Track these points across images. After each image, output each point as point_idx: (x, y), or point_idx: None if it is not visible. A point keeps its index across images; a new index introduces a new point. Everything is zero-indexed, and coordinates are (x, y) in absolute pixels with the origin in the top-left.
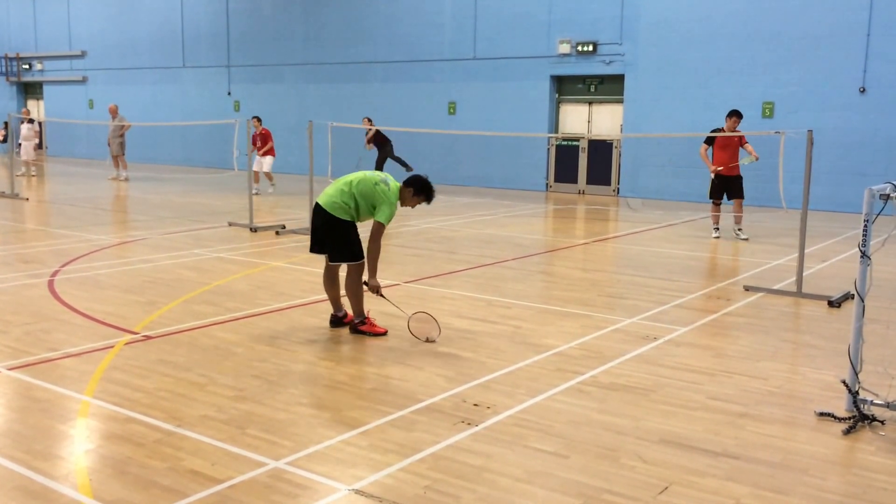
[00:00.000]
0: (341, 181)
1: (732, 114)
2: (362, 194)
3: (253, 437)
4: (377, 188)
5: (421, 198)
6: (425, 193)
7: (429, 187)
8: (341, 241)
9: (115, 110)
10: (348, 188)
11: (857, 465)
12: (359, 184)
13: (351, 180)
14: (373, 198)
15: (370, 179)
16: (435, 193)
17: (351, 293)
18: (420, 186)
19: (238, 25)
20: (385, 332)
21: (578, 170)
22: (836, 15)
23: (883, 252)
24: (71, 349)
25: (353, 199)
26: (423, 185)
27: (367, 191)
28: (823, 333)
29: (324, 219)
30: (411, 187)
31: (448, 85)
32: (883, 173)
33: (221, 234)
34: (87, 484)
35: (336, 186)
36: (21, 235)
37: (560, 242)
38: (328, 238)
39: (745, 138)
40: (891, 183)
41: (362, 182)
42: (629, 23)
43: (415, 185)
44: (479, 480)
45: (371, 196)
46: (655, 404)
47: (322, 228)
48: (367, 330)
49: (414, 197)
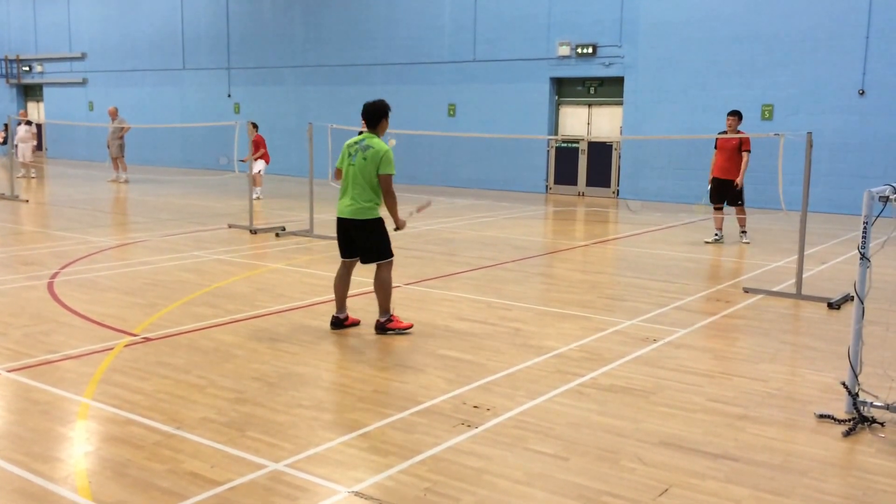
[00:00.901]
0: (350, 184)
1: (730, 113)
2: (371, 175)
3: (253, 439)
4: (374, 155)
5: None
6: (362, 118)
7: (384, 107)
8: (375, 242)
9: (114, 112)
10: (363, 181)
11: (856, 467)
12: (365, 172)
13: (356, 175)
14: (377, 163)
15: (364, 159)
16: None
17: (381, 289)
18: (385, 111)
19: (238, 28)
20: (411, 326)
21: (578, 172)
22: (836, 17)
23: (882, 254)
24: (70, 351)
25: (371, 186)
26: (384, 109)
27: (371, 167)
28: (823, 335)
29: (355, 228)
30: (384, 119)
31: (448, 87)
32: (882, 175)
33: (221, 236)
34: (87, 486)
35: (351, 192)
36: (21, 237)
37: (560, 244)
38: (363, 243)
39: (747, 143)
40: (890, 185)
41: (365, 168)
42: (629, 25)
43: (384, 112)
44: (479, 482)
45: (376, 163)
46: (655, 406)
47: (356, 237)
48: (395, 327)
49: (386, 123)
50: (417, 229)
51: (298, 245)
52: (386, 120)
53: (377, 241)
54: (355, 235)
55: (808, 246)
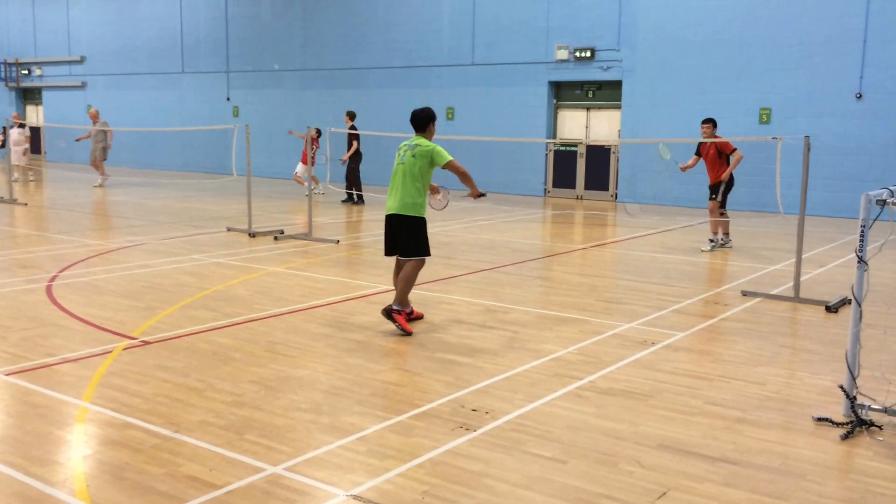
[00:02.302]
0: (399, 182)
1: (703, 122)
2: (422, 170)
3: (251, 442)
4: (423, 152)
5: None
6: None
7: (431, 112)
8: (415, 238)
9: (96, 115)
10: (410, 178)
11: (854, 470)
12: (413, 169)
13: (405, 173)
14: (429, 158)
15: (413, 156)
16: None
17: (404, 281)
18: (431, 116)
19: (237, 31)
20: (411, 333)
21: (576, 175)
22: (833, 22)
23: (880, 257)
24: (69, 354)
25: (419, 184)
26: (431, 114)
27: (423, 162)
28: (821, 338)
29: (399, 222)
30: (432, 123)
31: (446, 90)
32: (879, 179)
33: (220, 240)
34: (85, 490)
35: (400, 189)
36: (19, 241)
37: (558, 248)
38: (404, 238)
39: (729, 146)
40: (887, 188)
41: (414, 164)
42: (627, 29)
43: (430, 117)
44: (477, 486)
45: (427, 159)
46: (653, 409)
47: (398, 232)
48: (400, 321)
49: (433, 127)
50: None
51: (297, 248)
52: (433, 124)
53: (416, 237)
54: (397, 230)
55: (806, 249)
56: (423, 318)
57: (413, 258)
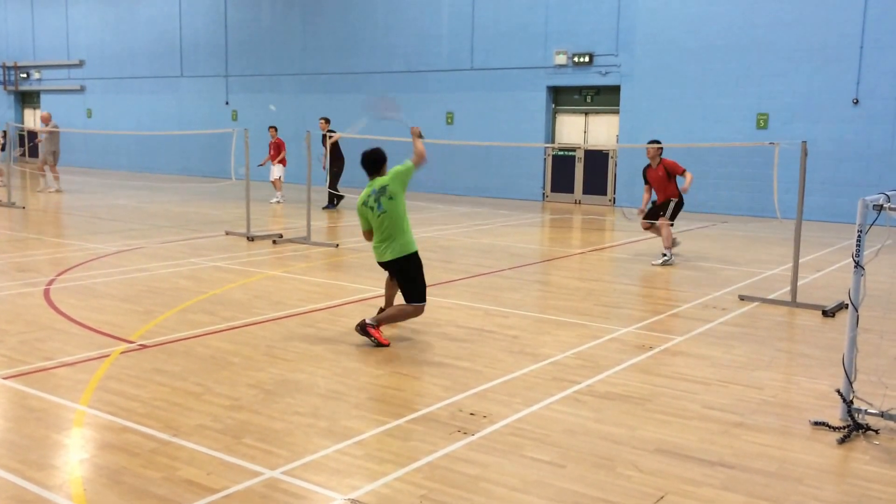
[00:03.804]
0: (386, 233)
1: (649, 143)
2: (402, 205)
3: (249, 446)
4: (392, 183)
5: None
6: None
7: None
8: (412, 278)
9: (48, 118)
10: (398, 222)
11: (851, 474)
12: (396, 211)
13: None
14: (401, 180)
15: (390, 198)
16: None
17: (399, 312)
18: (384, 158)
19: (236, 35)
20: (388, 344)
21: (575, 180)
22: (830, 28)
23: (876, 262)
24: (66, 358)
25: (403, 223)
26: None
27: (397, 191)
28: (818, 343)
29: (398, 264)
30: (385, 163)
31: (445, 95)
32: (876, 184)
33: (218, 244)
34: (82, 494)
35: (390, 239)
36: (17, 244)
37: (556, 252)
38: (405, 280)
39: (676, 167)
40: (884, 194)
41: (396, 206)
42: (625, 34)
43: (383, 159)
44: (475, 490)
45: (401, 182)
46: (651, 413)
47: (400, 274)
48: (376, 335)
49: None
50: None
51: (296, 252)
52: (386, 164)
53: (415, 280)
54: (399, 272)
55: (803, 254)
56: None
57: (414, 303)
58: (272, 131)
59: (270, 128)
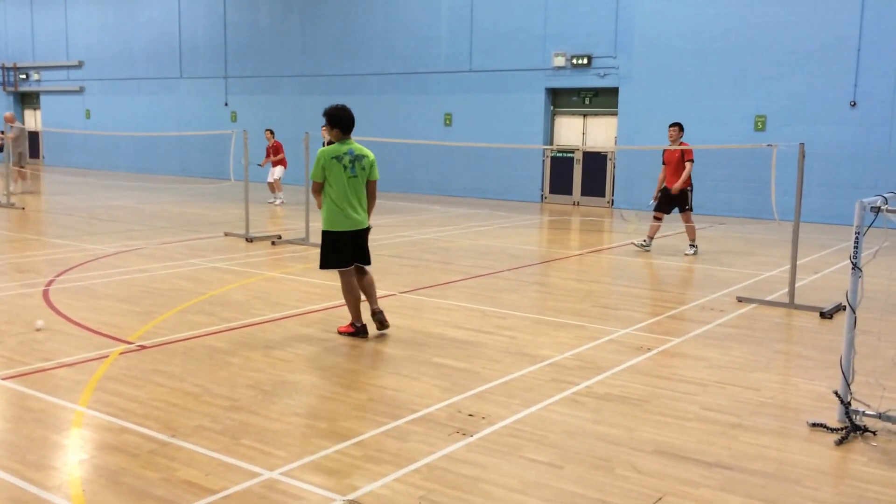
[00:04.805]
0: (355, 196)
1: (671, 125)
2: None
3: (247, 447)
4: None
5: (335, 130)
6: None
7: (336, 117)
8: (367, 244)
9: (12, 118)
10: (363, 190)
11: (849, 475)
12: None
13: (359, 186)
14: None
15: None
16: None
17: (371, 283)
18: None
19: (235, 37)
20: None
21: (573, 181)
22: (827, 30)
23: (874, 264)
24: (65, 359)
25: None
26: (332, 117)
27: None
28: (815, 344)
29: (363, 234)
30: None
31: (444, 97)
32: (874, 186)
33: (217, 244)
34: (81, 495)
35: (358, 203)
36: (16, 245)
37: (555, 253)
38: (364, 246)
39: (689, 154)
40: (881, 195)
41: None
42: (623, 37)
43: (328, 118)
44: (473, 491)
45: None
46: (649, 415)
47: (363, 243)
48: (345, 331)
49: (332, 130)
50: (412, 237)
51: (294, 253)
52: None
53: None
54: (362, 242)
55: (801, 255)
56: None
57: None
58: (268, 134)
59: (267, 130)
